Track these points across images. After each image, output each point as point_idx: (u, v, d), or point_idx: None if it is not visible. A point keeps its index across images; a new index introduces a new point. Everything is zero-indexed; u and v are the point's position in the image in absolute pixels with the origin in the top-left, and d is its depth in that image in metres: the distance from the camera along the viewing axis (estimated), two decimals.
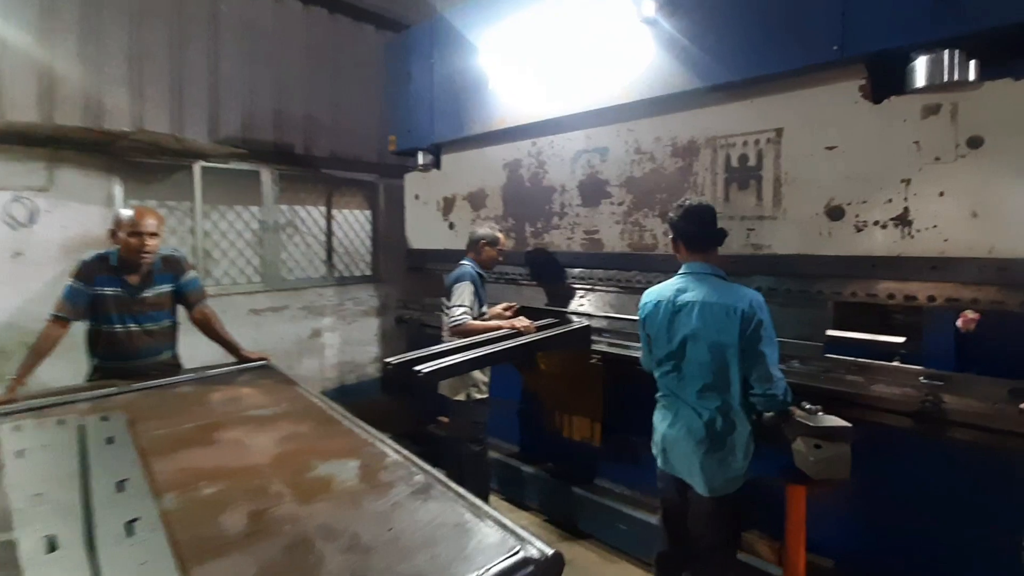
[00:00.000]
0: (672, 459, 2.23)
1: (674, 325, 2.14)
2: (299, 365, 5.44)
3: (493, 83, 3.67)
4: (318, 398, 2.30)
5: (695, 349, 2.10)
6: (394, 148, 4.56)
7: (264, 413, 2.10)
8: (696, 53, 2.66)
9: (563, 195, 3.41)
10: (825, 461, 1.89)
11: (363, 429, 1.90)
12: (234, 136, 4.91)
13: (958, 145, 2.14)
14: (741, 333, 2.00)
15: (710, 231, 2.18)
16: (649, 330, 2.25)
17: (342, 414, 2.07)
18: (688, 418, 2.15)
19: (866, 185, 2.34)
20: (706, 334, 2.06)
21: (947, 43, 2.09)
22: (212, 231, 4.87)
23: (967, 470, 2.22)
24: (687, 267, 2.20)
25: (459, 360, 2.30)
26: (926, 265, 2.24)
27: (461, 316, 3.03)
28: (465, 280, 3.13)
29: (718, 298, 2.05)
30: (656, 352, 2.24)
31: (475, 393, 3.19)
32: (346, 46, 5.69)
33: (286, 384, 2.54)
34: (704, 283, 2.12)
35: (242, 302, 5.00)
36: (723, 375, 2.06)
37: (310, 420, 2.03)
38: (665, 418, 2.25)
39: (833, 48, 2.29)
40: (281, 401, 2.26)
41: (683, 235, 2.19)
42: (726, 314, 2.02)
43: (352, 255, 5.97)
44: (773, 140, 2.57)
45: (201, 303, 3.01)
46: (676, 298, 2.15)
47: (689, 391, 2.14)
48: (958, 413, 2.10)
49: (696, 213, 2.17)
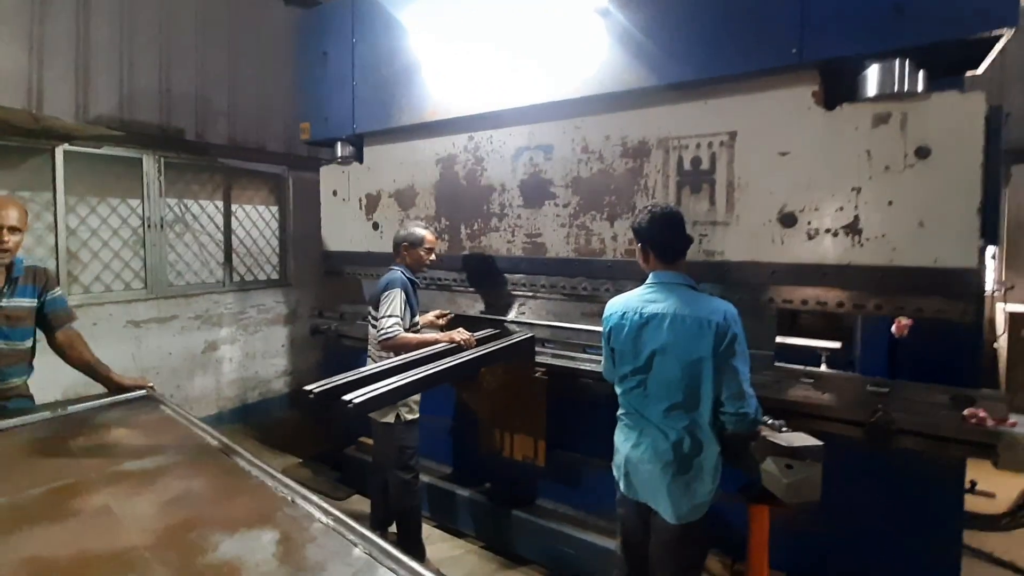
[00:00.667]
0: (636, 483, 2.04)
1: (641, 338, 1.97)
2: (190, 385, 4.74)
3: (426, 69, 3.33)
4: (215, 437, 1.85)
5: (664, 364, 1.93)
6: (307, 137, 4.05)
7: (143, 465, 1.63)
8: (651, 49, 2.52)
9: (503, 195, 3.15)
10: (798, 483, 1.77)
11: (277, 480, 1.51)
12: (109, 116, 4.16)
13: (907, 155, 2.14)
14: (715, 347, 1.85)
15: (681, 239, 2.03)
16: (614, 343, 2.06)
17: (249, 459, 1.65)
18: (654, 439, 1.97)
19: (818, 192, 2.31)
20: (677, 348, 1.90)
21: (899, 53, 2.11)
22: (80, 228, 4.07)
23: (912, 477, 2.24)
24: (656, 277, 2.03)
25: (395, 385, 1.95)
26: (875, 274, 2.22)
27: (392, 328, 2.69)
28: (395, 287, 2.78)
29: (690, 310, 1.90)
30: (621, 367, 2.05)
31: (405, 413, 2.84)
32: (248, 19, 5.05)
33: (173, 420, 2.05)
34: (674, 293, 1.96)
35: (118, 313, 4.24)
36: (693, 392, 1.90)
37: (206, 471, 1.59)
38: (628, 438, 2.06)
39: (792, 51, 2.24)
40: (166, 445, 1.79)
41: (653, 243, 2.01)
42: (699, 327, 1.87)
43: (256, 257, 5.32)
44: (727, 143, 2.48)
45: (67, 325, 2.41)
46: (644, 309, 1.97)
47: (655, 410, 1.97)
48: (907, 422, 2.08)
49: (667, 220, 2.00)
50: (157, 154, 4.44)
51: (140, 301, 4.38)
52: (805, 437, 1.88)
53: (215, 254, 4.96)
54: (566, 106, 2.83)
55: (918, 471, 2.23)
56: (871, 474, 2.29)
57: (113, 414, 2.13)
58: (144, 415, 2.12)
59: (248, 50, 5.07)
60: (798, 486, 1.78)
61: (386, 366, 2.21)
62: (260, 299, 5.30)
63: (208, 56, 4.77)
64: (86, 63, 4.00)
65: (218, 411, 4.99)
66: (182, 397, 4.69)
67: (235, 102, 5.03)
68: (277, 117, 5.32)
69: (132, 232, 4.36)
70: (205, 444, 1.81)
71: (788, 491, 1.79)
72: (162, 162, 4.47)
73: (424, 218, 3.49)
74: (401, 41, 3.42)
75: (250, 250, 5.25)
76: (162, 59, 4.44)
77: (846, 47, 2.17)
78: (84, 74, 4.00)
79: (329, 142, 4.02)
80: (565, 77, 2.78)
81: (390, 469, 2.92)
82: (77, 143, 3.92)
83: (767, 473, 1.87)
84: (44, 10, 3.76)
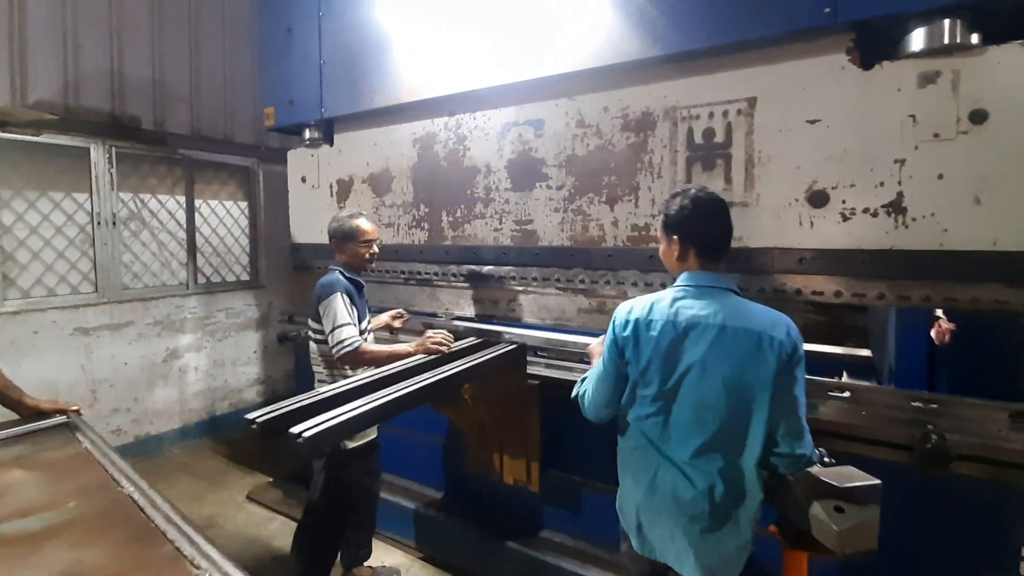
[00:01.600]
0: (652, 539, 1.61)
1: (675, 355, 1.53)
2: (149, 397, 4.33)
3: (401, 45, 2.97)
4: (133, 481, 1.47)
5: (700, 389, 1.49)
6: (272, 123, 3.66)
7: (30, 526, 1.24)
8: (654, 14, 2.18)
9: (488, 177, 2.79)
10: (852, 530, 1.43)
11: (197, 547, 1.14)
12: (51, 101, 3.75)
13: (959, 119, 1.82)
14: (777, 371, 1.45)
15: (730, 232, 1.62)
16: (631, 355, 1.58)
17: (166, 515, 1.27)
18: (675, 484, 1.54)
19: (854, 165, 1.98)
20: (724, 369, 1.47)
21: (950, 11, 1.79)
22: (16, 225, 3.65)
23: (967, 505, 1.92)
24: (692, 278, 1.59)
25: (356, 412, 1.56)
26: (923, 260, 1.90)
27: (350, 340, 2.27)
28: (334, 292, 2.36)
29: (743, 322, 1.48)
30: (639, 389, 1.59)
31: (346, 442, 2.40)
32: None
33: (87, 457, 1.66)
34: (719, 300, 1.53)
35: (64, 319, 3.82)
36: (738, 427, 1.48)
37: (109, 534, 1.21)
38: (639, 481, 1.62)
39: (824, 11, 1.91)
40: (69, 495, 1.40)
41: (698, 237, 1.59)
42: (757, 345, 1.45)
43: (224, 257, 4.92)
44: (745, 111, 2.15)
45: None
46: (680, 317, 1.53)
47: (678, 447, 1.53)
48: (967, 446, 1.76)
49: (715, 207, 1.60)
50: (108, 143, 4.03)
51: (89, 306, 3.96)
52: (857, 473, 1.53)
53: (177, 254, 4.56)
54: (560, 81, 2.49)
55: (972, 499, 1.91)
56: (917, 504, 1.96)
57: (14, 450, 1.73)
58: (54, 451, 1.73)
59: (212, 31, 4.68)
60: (852, 534, 1.43)
61: (349, 386, 1.83)
62: (229, 302, 4.89)
63: (166, 37, 4.37)
64: (22, 41, 3.59)
65: (182, 424, 4.58)
66: (141, 411, 4.28)
67: (199, 88, 4.63)
68: (245, 105, 4.94)
69: (79, 230, 3.95)
70: (118, 493, 1.42)
71: (840, 540, 1.45)
72: (113, 152, 4.07)
73: (401, 204, 3.12)
74: (372, 13, 3.06)
75: (217, 249, 4.85)
76: (112, 38, 4.04)
77: (890, 3, 1.85)
78: (20, 54, 3.59)
79: (296, 129, 3.64)
80: (558, 48, 2.44)
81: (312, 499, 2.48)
82: (10, 130, 3.51)
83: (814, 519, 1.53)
84: None
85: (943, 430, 1.81)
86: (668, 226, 1.64)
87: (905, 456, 1.85)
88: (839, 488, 1.45)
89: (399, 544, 3.04)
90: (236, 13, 4.80)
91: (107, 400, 4.07)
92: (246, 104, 4.93)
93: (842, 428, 1.94)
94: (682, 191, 1.65)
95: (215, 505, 3.57)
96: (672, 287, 1.62)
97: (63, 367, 3.80)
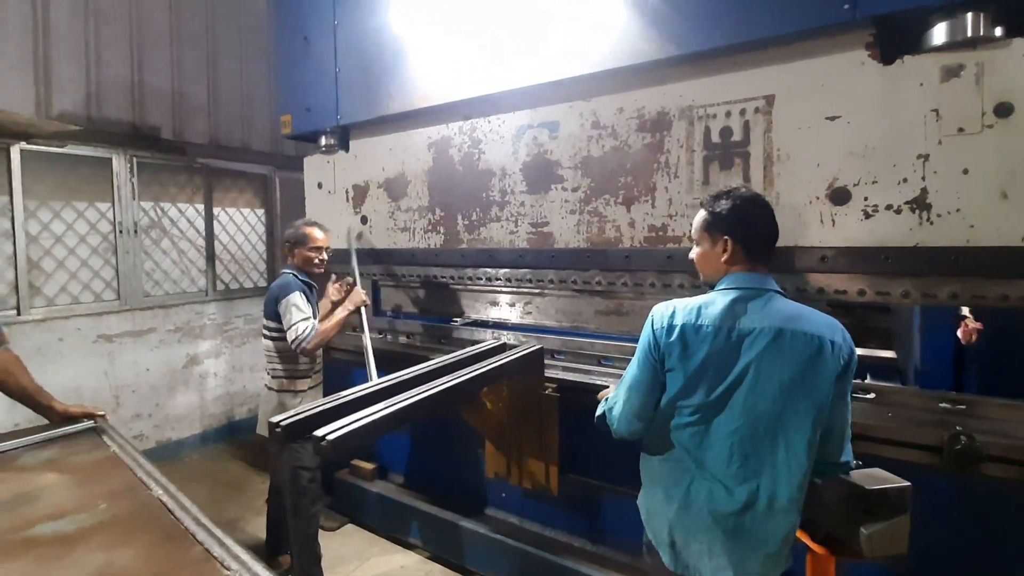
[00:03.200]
0: (686, 555, 1.49)
1: (728, 363, 1.42)
2: (171, 403, 4.39)
3: (416, 51, 3.00)
4: (162, 485, 1.48)
5: (755, 395, 1.39)
6: (288, 131, 3.71)
7: (61, 528, 1.27)
8: (670, 14, 2.18)
9: (504, 180, 2.80)
10: (880, 534, 1.40)
11: (226, 548, 1.14)
12: (75, 112, 3.83)
13: (984, 113, 1.79)
14: (837, 377, 1.38)
15: (777, 234, 1.56)
16: (676, 363, 1.46)
17: (195, 517, 1.28)
18: (711, 496, 1.43)
19: (876, 162, 1.95)
20: (782, 374, 1.38)
21: (973, 3, 1.76)
22: (42, 235, 3.74)
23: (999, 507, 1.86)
24: (738, 280, 1.48)
25: (379, 416, 1.57)
26: (949, 257, 1.86)
27: (306, 329, 2.57)
28: (291, 292, 2.63)
29: (802, 324, 1.39)
30: (678, 397, 1.48)
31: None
32: (228, 6, 4.72)
33: (116, 460, 1.68)
34: (770, 303, 1.44)
35: (88, 326, 3.89)
36: (789, 435, 1.39)
37: (139, 536, 1.23)
38: (671, 495, 1.50)
39: (844, 7, 1.89)
40: (99, 497, 1.42)
41: (747, 236, 1.50)
42: (818, 349, 1.37)
43: (242, 264, 4.98)
44: (763, 109, 2.13)
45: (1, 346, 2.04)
46: (733, 323, 1.42)
47: (718, 457, 1.43)
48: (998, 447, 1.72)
49: (763, 205, 1.54)
50: (129, 153, 4.11)
51: (112, 313, 4.03)
52: (885, 475, 1.51)
53: (196, 261, 4.62)
54: (575, 83, 2.49)
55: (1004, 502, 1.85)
56: (947, 507, 1.91)
57: (45, 453, 1.76)
58: (83, 454, 1.75)
59: (229, 41, 4.76)
60: (882, 537, 1.41)
61: (370, 389, 1.84)
62: (247, 308, 4.95)
63: (185, 48, 4.45)
64: (46, 52, 3.68)
65: (203, 430, 4.64)
66: (162, 416, 4.34)
67: (216, 97, 4.71)
68: (263, 114, 5.01)
69: (102, 238, 4.03)
70: (146, 496, 1.44)
71: (869, 543, 1.42)
72: (134, 162, 4.14)
73: (416, 209, 3.14)
74: (387, 20, 3.10)
75: (235, 256, 4.91)
76: (132, 50, 4.12)
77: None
78: (44, 67, 3.68)
79: (312, 136, 3.68)
80: (573, 52, 2.45)
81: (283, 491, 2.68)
82: (36, 141, 3.60)
83: (840, 521, 1.50)
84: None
85: (972, 431, 1.77)
86: (716, 226, 1.53)
87: (934, 458, 1.81)
88: (868, 490, 1.43)
89: (413, 547, 3.04)
90: (253, 23, 4.88)
91: (129, 405, 4.13)
92: (262, 112, 5.00)
93: (868, 430, 1.90)
94: (728, 191, 1.57)
95: (236, 509, 3.60)
96: (718, 290, 1.52)
97: (87, 373, 3.87)
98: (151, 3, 4.22)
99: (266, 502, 3.03)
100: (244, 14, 4.84)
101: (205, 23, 4.58)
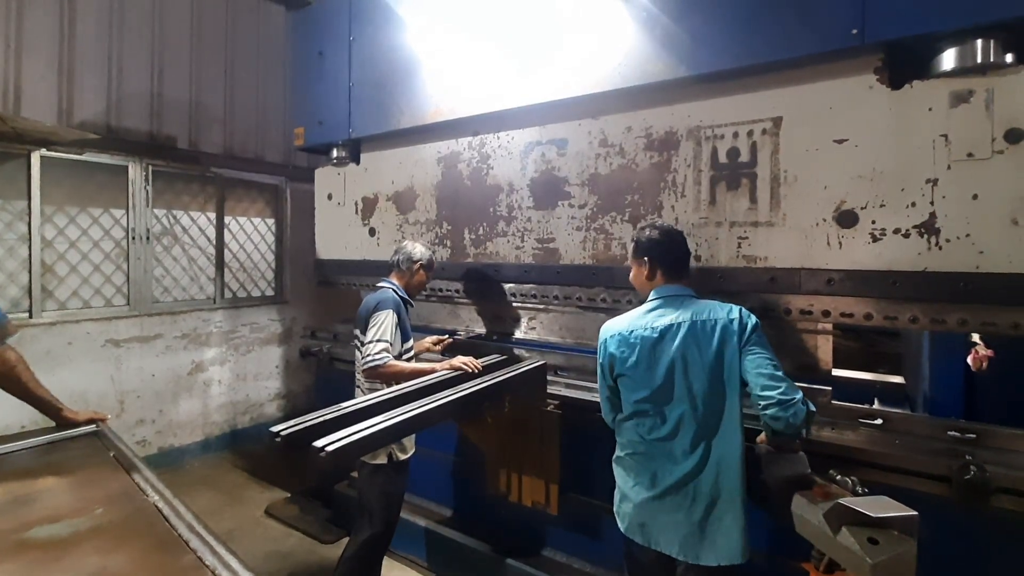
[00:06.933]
0: (656, 531, 1.75)
1: (656, 354, 1.77)
2: (174, 409, 4.40)
3: (428, 67, 3.05)
4: (158, 490, 1.48)
5: (688, 378, 1.72)
6: (301, 143, 3.77)
7: (56, 532, 1.27)
8: (680, 36, 2.21)
9: (511, 195, 2.82)
10: (886, 564, 1.36)
11: (219, 557, 1.14)
12: (95, 121, 3.92)
13: (994, 139, 1.79)
14: (742, 342, 1.70)
15: (689, 254, 1.97)
16: (620, 370, 1.82)
17: (190, 524, 1.28)
18: (674, 475, 1.72)
19: (884, 185, 1.95)
20: (702, 356, 1.72)
21: (983, 31, 1.77)
22: (57, 239, 3.80)
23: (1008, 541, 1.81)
24: (663, 291, 1.87)
25: (381, 427, 1.56)
26: (958, 282, 1.84)
27: (380, 355, 2.31)
28: (387, 308, 2.42)
29: (708, 314, 1.76)
30: (632, 393, 1.81)
31: (398, 452, 2.44)
32: (247, 23, 4.84)
33: (114, 466, 1.69)
34: (685, 304, 1.82)
35: (97, 331, 3.93)
36: (723, 404, 1.71)
37: (132, 542, 1.22)
38: (640, 482, 1.79)
39: (852, 32, 1.90)
40: (95, 502, 1.42)
41: (664, 258, 1.89)
42: (723, 328, 1.71)
43: (250, 272, 5.02)
44: (770, 131, 2.14)
45: (2, 344, 2.04)
46: (655, 323, 1.79)
47: (674, 439, 1.74)
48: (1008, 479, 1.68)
49: (677, 234, 1.94)
50: (144, 162, 4.19)
51: (121, 318, 4.07)
52: (892, 503, 1.47)
53: (206, 269, 4.67)
54: (584, 102, 2.51)
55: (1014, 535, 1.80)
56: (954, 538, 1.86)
57: (46, 458, 1.77)
58: (83, 458, 1.76)
59: (246, 55, 4.86)
60: (887, 567, 1.37)
61: (371, 401, 1.83)
62: (253, 317, 4.98)
63: (204, 60, 4.56)
64: (70, 63, 3.78)
65: (204, 437, 4.63)
66: (165, 422, 4.35)
67: (232, 109, 4.80)
68: (276, 125, 5.09)
69: (115, 244, 4.08)
70: (143, 502, 1.44)
71: (875, 573, 1.38)
72: (150, 170, 4.22)
73: (425, 222, 3.16)
74: (401, 37, 3.16)
75: (244, 265, 4.96)
76: (154, 61, 4.22)
77: (919, 24, 1.83)
78: (68, 75, 3.77)
79: (324, 148, 3.74)
80: (584, 70, 2.48)
81: (366, 518, 2.45)
82: (56, 148, 3.68)
83: (844, 549, 1.47)
84: (22, 3, 3.55)
85: (982, 461, 1.73)
86: (642, 250, 1.91)
87: (943, 488, 1.77)
88: (873, 518, 1.39)
89: (413, 564, 3.00)
90: (269, 37, 4.99)
91: (133, 411, 4.15)
92: (276, 124, 5.08)
93: (875, 457, 1.86)
94: (649, 224, 1.97)
95: (233, 519, 3.58)
96: (645, 304, 1.88)
97: (94, 377, 3.90)
98: (174, 17, 4.33)
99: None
100: (262, 27, 4.96)
101: (224, 35, 4.69)
